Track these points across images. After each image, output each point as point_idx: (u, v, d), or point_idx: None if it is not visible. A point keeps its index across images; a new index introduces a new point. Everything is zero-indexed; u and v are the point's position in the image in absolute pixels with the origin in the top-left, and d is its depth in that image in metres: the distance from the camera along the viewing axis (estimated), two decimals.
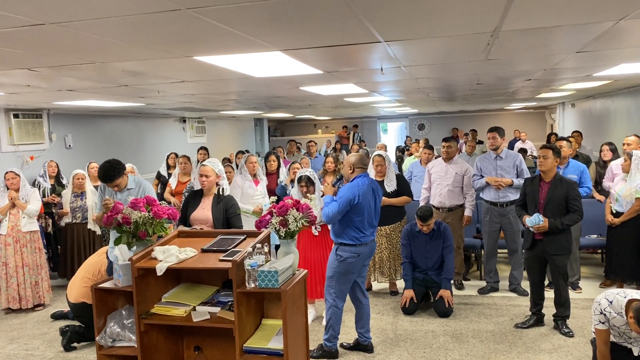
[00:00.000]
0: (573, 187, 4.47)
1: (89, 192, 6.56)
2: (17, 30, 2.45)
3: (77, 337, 4.71)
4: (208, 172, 4.28)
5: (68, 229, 6.57)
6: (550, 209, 4.45)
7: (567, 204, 4.43)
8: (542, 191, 4.52)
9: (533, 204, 4.56)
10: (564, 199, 4.43)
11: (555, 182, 4.49)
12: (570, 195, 4.42)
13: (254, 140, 16.08)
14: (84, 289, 4.64)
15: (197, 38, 2.88)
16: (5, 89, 4.84)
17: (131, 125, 10.07)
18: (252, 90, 6.02)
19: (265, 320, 3.20)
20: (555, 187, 4.47)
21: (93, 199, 6.52)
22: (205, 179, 4.28)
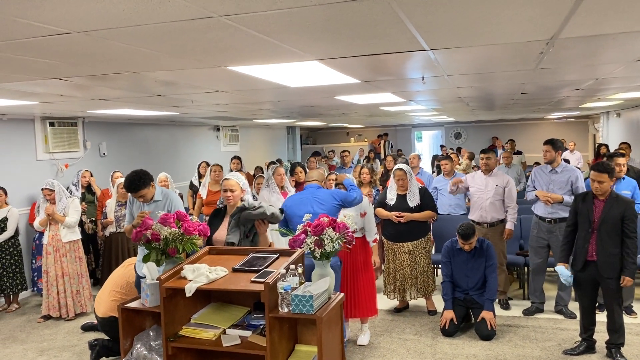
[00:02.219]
0: (630, 206, 4.15)
1: None
2: (44, 39, 2.35)
3: (106, 351, 4.60)
4: (233, 186, 3.76)
5: (113, 238, 6.53)
6: (606, 229, 4.14)
7: (622, 225, 4.11)
8: (597, 210, 4.20)
9: (587, 223, 4.25)
10: (620, 218, 4.11)
11: (611, 200, 4.17)
12: (627, 215, 4.10)
13: (286, 148, 15.99)
14: (112, 303, 4.53)
15: (231, 47, 2.72)
16: (40, 98, 4.81)
17: (165, 133, 10.08)
18: (285, 99, 5.88)
19: (298, 346, 3.02)
20: (611, 205, 4.15)
21: None
22: (230, 194, 3.76)
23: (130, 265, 4.82)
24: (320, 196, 4.29)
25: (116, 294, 4.57)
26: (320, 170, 4.73)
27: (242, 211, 3.61)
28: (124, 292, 4.57)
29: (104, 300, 4.61)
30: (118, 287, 4.64)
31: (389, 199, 5.39)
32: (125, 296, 4.54)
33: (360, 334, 4.89)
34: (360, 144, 16.20)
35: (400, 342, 4.82)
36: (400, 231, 5.30)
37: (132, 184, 4.07)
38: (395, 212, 5.29)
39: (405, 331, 5.10)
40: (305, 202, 4.27)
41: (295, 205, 4.29)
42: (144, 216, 4.13)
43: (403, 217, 5.25)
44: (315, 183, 4.45)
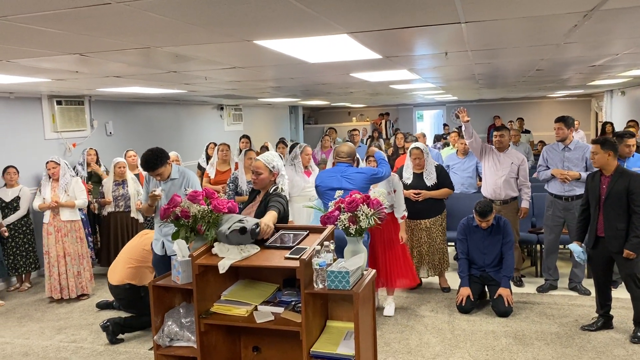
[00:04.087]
0: (635, 179, 4.12)
1: (130, 180, 6.47)
2: (80, 10, 2.28)
3: (119, 328, 4.61)
4: (259, 169, 3.55)
5: (111, 218, 6.50)
6: (611, 204, 4.16)
7: (628, 200, 4.11)
8: (603, 186, 4.23)
9: (595, 201, 4.29)
10: (625, 193, 4.11)
11: (616, 175, 4.18)
12: (632, 189, 4.09)
13: (289, 127, 15.90)
14: (128, 270, 4.54)
15: (265, 19, 2.67)
16: (53, 74, 4.73)
17: (170, 112, 9.98)
18: (300, 76, 5.81)
19: (330, 322, 3.01)
20: (615, 180, 4.16)
21: (134, 187, 6.43)
22: (255, 177, 3.57)
23: (146, 235, 4.80)
24: (350, 175, 4.33)
25: (133, 262, 4.57)
26: (350, 145, 4.71)
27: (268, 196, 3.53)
28: (140, 260, 4.56)
29: (119, 269, 4.60)
30: (133, 255, 4.63)
31: (405, 178, 5.39)
32: (140, 264, 4.55)
33: (387, 305, 4.98)
34: (362, 124, 16.13)
35: (417, 319, 4.84)
36: (418, 209, 5.32)
37: (148, 162, 4.03)
38: (412, 190, 5.30)
39: (421, 308, 5.13)
40: (335, 179, 4.31)
41: (326, 181, 4.37)
42: (156, 196, 4.10)
43: (420, 195, 5.26)
44: (346, 162, 4.45)
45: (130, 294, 4.50)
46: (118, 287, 4.55)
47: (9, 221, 6.15)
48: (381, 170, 4.49)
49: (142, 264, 4.57)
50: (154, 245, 4.37)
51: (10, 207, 6.18)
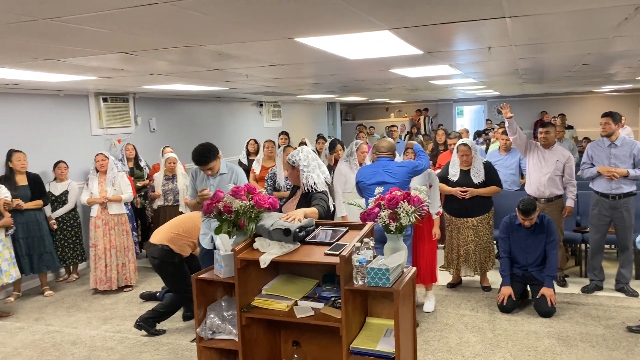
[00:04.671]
0: None
1: (179, 175, 6.62)
2: (130, 10, 2.35)
3: (152, 321, 4.73)
4: (287, 165, 3.76)
5: (160, 212, 6.67)
6: None
7: None
8: None
9: None
10: None
11: None
12: None
13: (327, 124, 15.93)
14: (171, 235, 4.61)
15: (306, 16, 2.68)
16: (100, 73, 4.88)
17: (211, 109, 10.15)
18: (339, 72, 5.81)
19: (369, 318, 3.01)
20: None
21: (184, 181, 6.57)
22: (287, 174, 3.86)
23: (197, 215, 4.84)
24: (392, 169, 4.33)
25: (179, 229, 4.65)
26: (390, 139, 4.71)
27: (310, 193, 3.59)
28: (186, 231, 4.64)
29: (163, 231, 4.69)
30: (182, 225, 4.70)
31: (451, 174, 5.31)
32: (185, 235, 4.63)
33: (426, 301, 4.97)
34: (400, 120, 16.01)
35: (457, 317, 4.79)
36: (465, 206, 5.25)
37: (202, 156, 4.10)
38: (459, 187, 5.23)
39: (461, 306, 5.07)
40: (377, 174, 4.33)
41: (368, 177, 4.38)
42: (204, 196, 4.17)
43: (467, 193, 5.18)
44: (387, 156, 4.48)
45: (164, 255, 4.57)
46: (156, 246, 4.63)
47: (58, 214, 6.39)
48: (421, 163, 4.51)
49: (187, 236, 4.66)
50: (201, 239, 4.46)
51: (59, 201, 6.41)
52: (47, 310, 5.58)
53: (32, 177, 6.00)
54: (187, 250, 4.68)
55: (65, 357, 4.14)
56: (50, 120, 6.76)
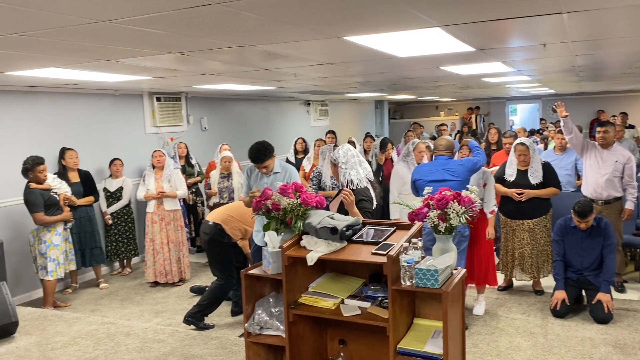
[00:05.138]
0: None
1: (235, 173, 6.75)
2: (182, 11, 2.41)
3: (199, 315, 4.84)
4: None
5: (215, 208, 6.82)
6: None
7: None
8: None
9: None
10: None
11: None
12: None
13: (374, 122, 15.84)
14: (226, 216, 4.78)
15: (355, 15, 2.68)
16: (154, 73, 5.03)
17: (259, 108, 10.28)
18: (388, 71, 5.77)
19: (417, 319, 2.98)
20: None
21: (239, 180, 6.70)
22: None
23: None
24: (451, 167, 4.30)
25: (235, 213, 4.79)
26: (449, 137, 4.66)
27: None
28: (242, 216, 4.75)
29: (218, 212, 4.89)
30: (239, 210, 4.83)
31: (508, 174, 5.17)
32: (239, 220, 4.76)
33: (476, 304, 4.89)
34: (450, 118, 15.74)
35: (507, 321, 4.68)
36: (521, 208, 5.09)
37: (259, 154, 4.18)
38: (515, 189, 5.10)
39: (512, 310, 4.94)
40: (435, 173, 4.29)
41: (426, 175, 4.35)
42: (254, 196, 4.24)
43: (524, 195, 5.04)
44: (445, 154, 4.44)
45: (215, 232, 4.72)
46: (208, 222, 4.81)
47: (113, 210, 6.63)
48: (479, 159, 4.50)
49: (240, 220, 4.79)
50: (254, 235, 4.54)
51: (114, 197, 6.65)
52: (102, 302, 5.81)
53: (84, 174, 6.24)
54: (237, 234, 4.80)
55: (119, 348, 4.30)
56: (106, 119, 7.02)
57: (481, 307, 4.86)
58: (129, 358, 4.10)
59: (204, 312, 4.83)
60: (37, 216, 5.16)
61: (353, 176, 3.78)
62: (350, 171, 3.80)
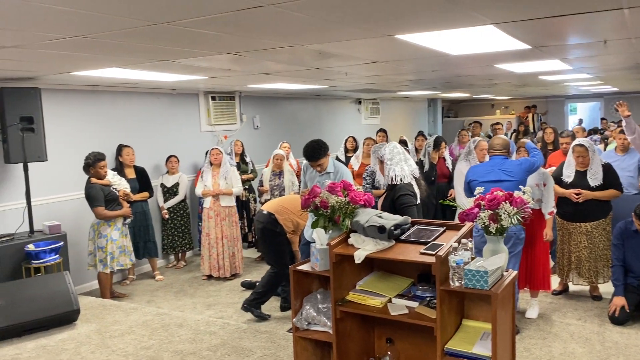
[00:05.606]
0: None
1: (286, 171, 6.86)
2: (238, 13, 2.48)
3: (256, 303, 4.99)
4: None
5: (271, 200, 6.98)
6: None
7: None
8: None
9: None
10: None
11: None
12: None
13: (427, 121, 15.65)
14: (280, 207, 4.93)
15: (406, 13, 2.67)
16: (210, 73, 5.17)
17: (310, 106, 10.36)
18: (440, 69, 5.70)
19: (465, 321, 2.95)
20: None
21: (290, 178, 6.80)
22: None
23: None
24: (508, 167, 4.23)
25: (288, 205, 4.92)
26: (504, 137, 4.59)
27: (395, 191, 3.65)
28: (295, 208, 4.84)
29: (272, 203, 5.08)
30: (293, 202, 4.95)
31: (565, 175, 5.02)
32: (292, 212, 4.89)
33: (529, 308, 4.78)
34: (506, 117, 15.34)
35: (562, 326, 4.53)
36: (579, 210, 4.92)
37: (314, 152, 4.27)
38: (573, 189, 4.94)
39: (567, 315, 4.79)
40: (492, 173, 4.23)
41: (482, 175, 4.29)
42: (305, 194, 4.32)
43: (581, 196, 4.87)
44: (502, 154, 4.37)
45: (268, 221, 4.88)
46: (263, 211, 4.99)
47: (169, 205, 6.86)
48: (536, 160, 4.41)
49: (293, 212, 4.90)
50: (305, 230, 4.62)
51: (171, 192, 6.88)
52: (158, 294, 6.03)
53: (139, 170, 6.49)
54: (289, 226, 4.91)
55: (172, 338, 4.45)
56: (164, 117, 7.27)
57: (534, 310, 4.74)
58: (182, 348, 4.25)
59: (260, 300, 4.98)
60: (98, 210, 5.40)
61: (397, 172, 3.91)
62: (395, 167, 3.92)
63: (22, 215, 5.45)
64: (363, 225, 2.96)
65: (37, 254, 5.08)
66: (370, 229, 2.93)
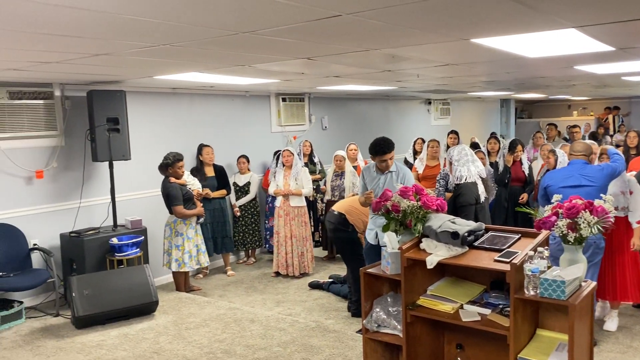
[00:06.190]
0: None
1: (347, 172, 6.92)
2: (313, 23, 2.55)
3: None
4: None
5: (327, 206, 7.07)
6: None
7: None
8: None
9: None
10: None
11: None
12: None
13: (499, 122, 15.20)
14: (349, 207, 5.01)
15: (485, 19, 2.65)
16: (283, 76, 5.31)
17: (379, 107, 10.35)
18: (516, 70, 5.56)
19: (540, 330, 2.89)
20: None
21: (351, 179, 6.85)
22: None
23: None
24: (589, 173, 4.09)
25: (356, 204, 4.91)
26: (587, 142, 4.44)
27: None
28: (361, 209, 4.91)
29: (343, 203, 5.21)
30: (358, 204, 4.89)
31: None
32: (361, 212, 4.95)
33: (608, 319, 4.59)
34: (584, 118, 14.66)
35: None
36: None
37: (379, 146, 4.32)
38: None
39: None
40: (571, 178, 4.10)
41: (561, 181, 4.17)
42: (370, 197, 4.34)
43: None
44: (582, 158, 4.23)
45: (339, 222, 5.00)
46: (334, 212, 5.10)
47: (241, 203, 7.09)
48: (618, 165, 4.25)
49: (363, 213, 4.97)
50: (367, 234, 4.66)
51: (242, 191, 7.11)
52: (229, 289, 6.25)
53: (218, 168, 6.75)
54: (360, 226, 4.99)
55: (244, 332, 4.62)
56: (237, 118, 7.51)
57: (613, 322, 4.54)
58: (253, 343, 4.40)
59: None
60: (177, 209, 5.66)
61: (464, 173, 4.27)
62: (461, 168, 4.29)
63: (107, 210, 5.81)
64: (436, 230, 2.96)
65: (120, 247, 5.40)
66: (443, 234, 2.93)
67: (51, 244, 5.57)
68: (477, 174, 4.22)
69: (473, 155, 4.30)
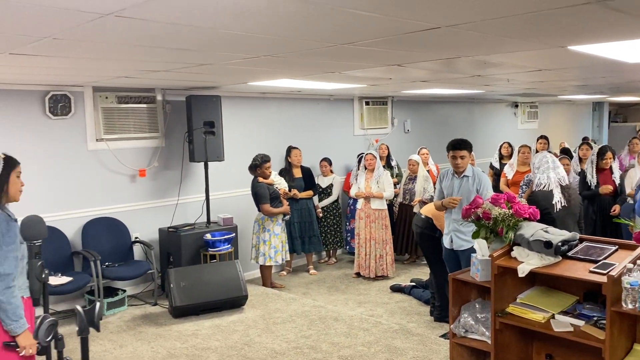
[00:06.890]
0: None
1: (420, 177, 6.93)
2: (412, 34, 2.65)
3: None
4: None
5: (401, 209, 7.14)
6: None
7: None
8: None
9: None
10: None
11: None
12: None
13: (591, 126, 14.47)
14: (433, 210, 5.02)
15: (585, 28, 2.63)
16: (370, 82, 5.43)
17: (463, 110, 10.20)
18: (612, 75, 5.35)
19: (638, 345, 2.81)
20: None
21: (422, 184, 6.86)
22: None
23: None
24: None
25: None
26: None
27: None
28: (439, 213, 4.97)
29: (431, 207, 5.16)
30: None
31: None
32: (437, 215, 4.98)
33: None
34: None
35: None
36: None
37: (455, 141, 4.47)
38: None
39: None
40: None
41: None
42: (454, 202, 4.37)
43: None
44: None
45: (425, 226, 5.07)
46: (421, 215, 5.18)
47: (323, 204, 7.28)
48: None
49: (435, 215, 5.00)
50: (443, 238, 4.68)
51: (325, 193, 7.30)
52: (312, 287, 6.44)
53: (305, 170, 6.98)
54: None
55: (329, 330, 4.77)
56: (321, 121, 7.71)
57: None
58: (338, 341, 4.54)
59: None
60: (265, 207, 5.93)
61: (543, 180, 4.26)
62: (541, 175, 4.29)
63: (201, 207, 6.19)
64: (528, 239, 2.96)
65: (213, 242, 5.74)
66: (535, 243, 2.93)
67: (150, 237, 6.01)
68: (556, 180, 4.16)
69: (555, 162, 4.29)
